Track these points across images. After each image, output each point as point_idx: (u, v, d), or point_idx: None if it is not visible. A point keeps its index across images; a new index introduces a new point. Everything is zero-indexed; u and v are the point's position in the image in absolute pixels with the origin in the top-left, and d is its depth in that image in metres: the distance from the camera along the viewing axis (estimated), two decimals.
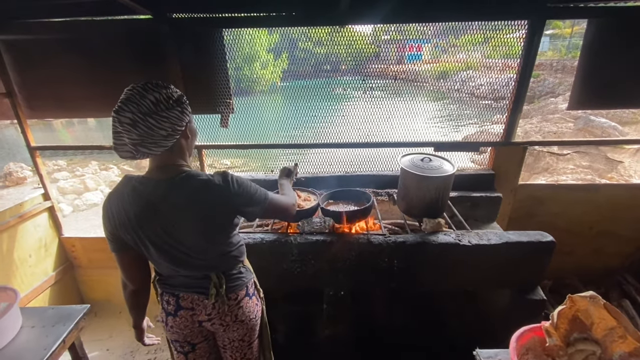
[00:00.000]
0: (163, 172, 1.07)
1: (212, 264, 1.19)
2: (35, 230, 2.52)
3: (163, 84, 1.01)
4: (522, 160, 2.44)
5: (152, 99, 0.96)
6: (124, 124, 0.94)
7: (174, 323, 1.25)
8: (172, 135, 1.01)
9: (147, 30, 2.11)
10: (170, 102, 0.99)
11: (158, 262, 1.17)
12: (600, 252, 2.74)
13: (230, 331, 1.28)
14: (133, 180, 1.08)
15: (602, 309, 0.99)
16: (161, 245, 1.10)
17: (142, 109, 0.94)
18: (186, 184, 1.06)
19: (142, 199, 1.05)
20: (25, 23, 2.09)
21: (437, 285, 1.90)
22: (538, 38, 2.04)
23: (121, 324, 2.72)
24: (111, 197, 1.09)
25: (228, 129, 2.34)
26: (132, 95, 0.95)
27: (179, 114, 1.02)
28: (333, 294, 1.85)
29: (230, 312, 1.24)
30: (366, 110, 2.52)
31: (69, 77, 2.21)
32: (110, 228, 1.11)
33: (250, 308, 1.29)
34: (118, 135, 0.98)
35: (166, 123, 0.98)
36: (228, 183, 1.10)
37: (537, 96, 11.08)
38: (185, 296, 1.21)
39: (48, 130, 10.84)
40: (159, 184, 1.05)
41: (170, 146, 1.03)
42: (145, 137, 0.96)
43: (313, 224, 1.89)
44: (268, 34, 3.28)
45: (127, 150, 0.99)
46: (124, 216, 1.06)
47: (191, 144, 1.16)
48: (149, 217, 1.06)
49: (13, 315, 1.40)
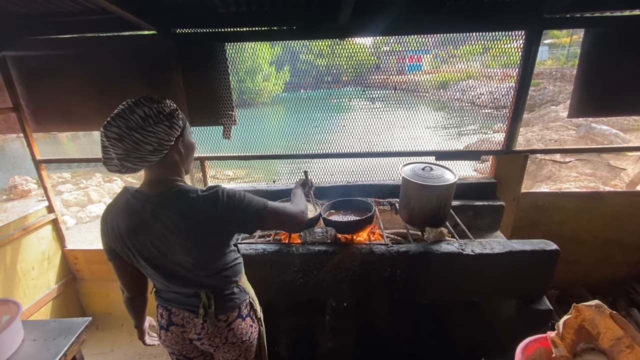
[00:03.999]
0: (155, 187, 1.06)
1: (203, 281, 1.15)
2: (38, 242, 2.53)
3: (157, 98, 1.01)
4: (524, 169, 2.44)
5: (141, 114, 0.95)
6: (110, 139, 0.94)
7: (166, 337, 1.24)
8: (159, 150, 0.99)
9: (152, 45, 2.16)
10: (160, 117, 0.98)
11: (150, 275, 1.16)
12: (607, 261, 2.70)
13: (221, 352, 1.24)
14: (128, 193, 1.08)
15: (608, 318, 0.98)
16: (152, 259, 1.09)
17: (129, 124, 0.93)
18: (176, 200, 1.05)
19: (134, 213, 1.05)
20: (34, 40, 2.15)
21: (440, 295, 1.87)
22: (536, 47, 2.06)
23: (123, 337, 2.70)
24: (109, 208, 1.11)
25: (230, 140, 2.37)
26: (123, 110, 0.95)
27: (167, 128, 0.99)
28: (336, 305, 1.84)
29: (219, 333, 1.19)
30: (367, 120, 2.54)
31: (74, 91, 2.25)
32: (105, 239, 1.13)
33: (242, 330, 1.23)
34: (105, 149, 0.98)
35: (152, 138, 0.96)
36: (217, 198, 1.06)
37: (538, 104, 11.13)
38: (177, 312, 1.20)
39: (53, 144, 10.98)
40: (150, 199, 1.05)
41: (157, 161, 1.02)
42: (130, 152, 0.95)
43: (315, 234, 1.89)
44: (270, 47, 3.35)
45: (114, 164, 1.00)
46: (117, 229, 1.07)
47: (186, 158, 1.13)
48: (139, 231, 1.05)
49: (15, 328, 1.40)
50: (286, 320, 1.93)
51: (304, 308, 1.94)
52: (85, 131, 2.53)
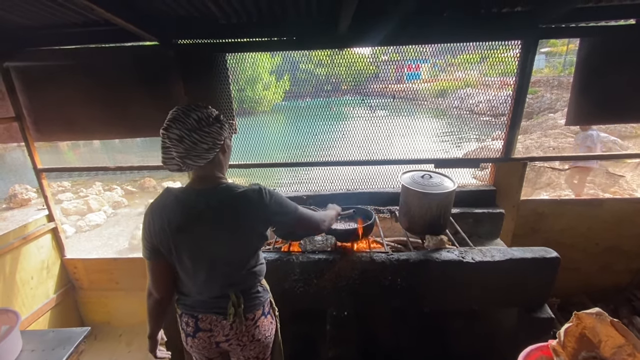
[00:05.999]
0: (204, 183, 1.17)
1: (235, 279, 1.23)
2: (38, 251, 2.52)
3: (203, 104, 1.13)
4: (523, 176, 2.44)
5: (195, 117, 1.07)
6: (172, 140, 1.06)
7: (194, 344, 1.28)
8: (212, 148, 1.11)
9: (153, 56, 2.19)
10: (210, 120, 1.10)
11: (187, 272, 1.21)
12: (608, 268, 2.69)
13: (246, 350, 1.30)
14: (174, 191, 1.18)
15: (609, 326, 0.97)
16: (197, 253, 1.17)
17: (187, 125, 1.05)
18: (225, 194, 1.16)
19: (185, 207, 1.14)
20: (36, 50, 2.18)
21: (441, 304, 1.87)
22: (532, 56, 2.09)
23: (121, 348, 2.66)
24: (154, 207, 1.18)
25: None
26: (178, 115, 1.07)
27: (219, 129, 1.12)
28: (336, 314, 1.83)
29: (247, 332, 1.26)
30: (367, 129, 2.56)
31: (76, 101, 2.27)
32: (147, 236, 1.19)
33: (266, 327, 1.31)
34: (167, 150, 1.10)
35: (208, 137, 1.09)
36: (262, 193, 1.18)
37: (536, 112, 11.20)
38: (204, 317, 1.24)
39: (54, 153, 11.01)
40: (201, 193, 1.15)
41: (211, 159, 1.13)
42: (190, 151, 1.07)
43: (315, 242, 1.89)
44: (270, 56, 3.39)
45: (175, 163, 1.11)
46: (165, 224, 1.14)
47: (227, 158, 1.26)
48: (189, 223, 1.14)
49: (13, 338, 1.39)
50: (286, 329, 1.90)
51: (305, 317, 1.93)
52: (86, 140, 2.54)
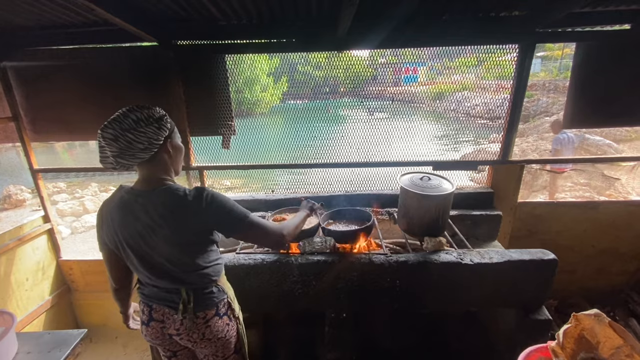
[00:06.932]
0: (147, 184, 1.19)
1: (184, 278, 1.22)
2: (33, 253, 2.49)
3: (147, 106, 1.15)
4: (520, 179, 2.46)
5: (134, 118, 1.09)
6: (106, 139, 1.07)
7: (147, 332, 1.31)
8: (149, 148, 1.12)
9: (152, 57, 2.18)
10: (150, 120, 1.11)
11: (136, 267, 1.24)
12: (605, 270, 2.71)
13: (199, 347, 1.31)
14: (123, 190, 1.21)
15: (607, 327, 0.98)
16: (139, 251, 1.19)
17: (123, 125, 1.07)
18: (164, 196, 1.16)
19: (127, 207, 1.17)
20: (34, 50, 2.17)
21: (440, 305, 1.87)
22: (529, 60, 2.11)
23: (117, 350, 2.64)
24: (105, 203, 1.24)
25: (229, 150, 2.38)
26: (118, 115, 1.10)
27: (156, 129, 1.13)
28: (335, 315, 1.82)
29: (197, 329, 1.26)
30: (365, 131, 2.56)
31: (74, 101, 2.26)
32: (99, 231, 1.26)
33: (218, 327, 1.29)
34: (102, 149, 1.12)
35: (143, 137, 1.09)
36: (201, 198, 1.16)
37: (532, 115, 11.30)
38: (157, 308, 1.27)
39: (49, 153, 10.92)
40: (141, 194, 1.17)
41: (148, 159, 1.14)
42: (124, 150, 1.08)
43: (314, 244, 1.88)
44: (268, 58, 3.39)
45: (109, 162, 1.13)
46: (110, 221, 1.20)
47: (175, 159, 1.25)
48: (129, 223, 1.17)
49: (9, 340, 1.37)
50: (285, 330, 1.90)
51: (303, 318, 1.92)
52: (83, 140, 2.53)
